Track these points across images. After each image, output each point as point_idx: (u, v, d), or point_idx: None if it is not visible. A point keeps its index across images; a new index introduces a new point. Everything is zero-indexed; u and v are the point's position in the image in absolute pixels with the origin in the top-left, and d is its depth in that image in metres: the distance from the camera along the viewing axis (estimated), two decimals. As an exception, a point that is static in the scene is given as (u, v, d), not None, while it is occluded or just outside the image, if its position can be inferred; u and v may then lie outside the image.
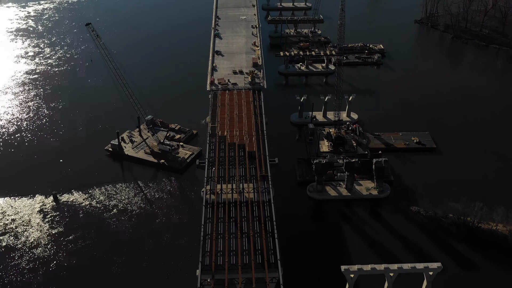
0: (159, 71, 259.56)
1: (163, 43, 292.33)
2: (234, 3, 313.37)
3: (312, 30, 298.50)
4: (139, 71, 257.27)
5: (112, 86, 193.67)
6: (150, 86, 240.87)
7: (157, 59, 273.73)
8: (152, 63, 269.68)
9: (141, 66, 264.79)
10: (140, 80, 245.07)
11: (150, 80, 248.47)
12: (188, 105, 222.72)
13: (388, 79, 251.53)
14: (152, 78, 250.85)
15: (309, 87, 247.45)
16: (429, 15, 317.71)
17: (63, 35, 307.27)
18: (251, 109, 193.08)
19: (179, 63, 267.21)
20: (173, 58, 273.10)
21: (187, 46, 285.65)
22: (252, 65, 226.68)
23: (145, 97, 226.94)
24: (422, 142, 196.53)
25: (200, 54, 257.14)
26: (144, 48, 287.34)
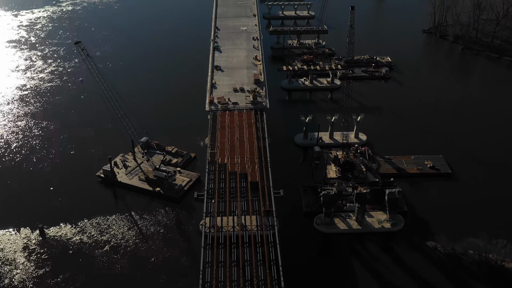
0: (155, 87, 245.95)
1: (160, 56, 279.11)
2: (234, 12, 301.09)
3: (316, 41, 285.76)
4: (134, 87, 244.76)
5: (104, 107, 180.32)
6: (145, 104, 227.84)
7: (153, 74, 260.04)
8: (148, 78, 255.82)
9: (135, 82, 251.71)
10: (134, 97, 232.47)
11: (146, 97, 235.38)
12: (186, 126, 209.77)
13: (397, 94, 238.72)
14: (148, 95, 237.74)
15: (313, 104, 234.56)
16: (437, 25, 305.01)
17: (56, 46, 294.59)
18: (253, 132, 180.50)
19: (176, 79, 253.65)
20: (170, 73, 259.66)
21: (185, 60, 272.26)
22: (254, 82, 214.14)
23: (140, 117, 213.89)
24: (436, 167, 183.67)
25: (199, 68, 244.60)
26: (139, 62, 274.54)
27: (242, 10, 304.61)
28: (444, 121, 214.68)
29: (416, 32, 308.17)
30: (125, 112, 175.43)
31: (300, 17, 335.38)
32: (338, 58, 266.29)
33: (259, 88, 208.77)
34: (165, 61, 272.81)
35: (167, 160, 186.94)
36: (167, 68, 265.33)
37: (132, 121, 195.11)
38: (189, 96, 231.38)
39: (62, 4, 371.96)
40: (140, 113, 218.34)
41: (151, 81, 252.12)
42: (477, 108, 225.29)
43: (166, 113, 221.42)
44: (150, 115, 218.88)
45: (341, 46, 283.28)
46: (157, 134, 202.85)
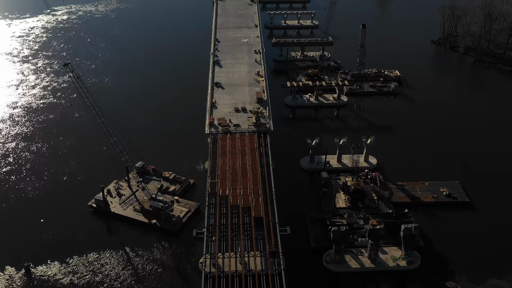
0: (151, 106, 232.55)
1: (157, 71, 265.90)
2: (235, 22, 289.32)
3: (321, 54, 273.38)
4: (129, 105, 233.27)
5: (96, 131, 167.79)
6: (141, 124, 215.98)
7: (149, 90, 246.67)
8: (144, 95, 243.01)
9: (131, 99, 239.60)
10: (129, 117, 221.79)
11: (141, 117, 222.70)
12: (184, 149, 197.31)
13: (407, 112, 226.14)
14: (144, 115, 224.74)
15: (319, 123, 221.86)
16: (447, 35, 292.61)
17: (50, 59, 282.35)
18: (256, 158, 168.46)
19: (174, 96, 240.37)
20: (168, 90, 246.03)
21: (184, 75, 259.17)
22: (257, 101, 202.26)
23: (135, 139, 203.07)
24: (452, 195, 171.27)
25: (198, 84, 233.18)
26: (135, 77, 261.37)
27: (243, 20, 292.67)
28: (459, 141, 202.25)
29: (424, 43, 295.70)
30: (119, 135, 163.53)
31: (304, 27, 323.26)
32: (344, 72, 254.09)
33: (262, 108, 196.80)
34: (163, 77, 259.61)
35: (164, 188, 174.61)
36: (165, 84, 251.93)
37: (127, 144, 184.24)
38: (188, 116, 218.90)
39: (57, 13, 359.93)
40: (135, 134, 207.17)
41: (147, 99, 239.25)
42: (493, 127, 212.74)
43: (163, 134, 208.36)
44: (146, 136, 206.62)
45: (347, 58, 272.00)
46: (153, 158, 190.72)
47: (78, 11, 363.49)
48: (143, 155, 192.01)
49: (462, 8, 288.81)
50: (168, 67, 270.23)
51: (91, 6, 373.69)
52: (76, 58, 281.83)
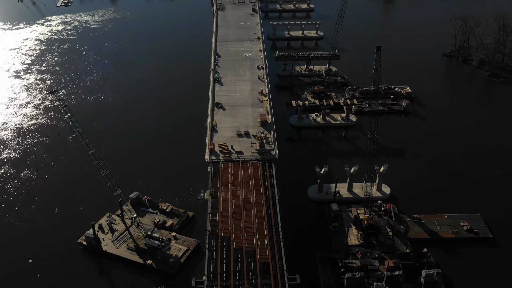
0: (147, 130, 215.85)
1: (154, 89, 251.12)
2: (236, 35, 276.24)
3: (327, 68, 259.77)
4: (123, 128, 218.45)
5: (87, 160, 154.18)
6: (136, 151, 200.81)
7: (145, 112, 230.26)
8: (139, 117, 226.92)
9: (125, 120, 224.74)
10: (123, 141, 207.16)
11: (137, 143, 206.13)
12: (183, 178, 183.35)
13: (420, 132, 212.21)
14: (139, 140, 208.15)
15: (327, 145, 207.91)
16: (459, 48, 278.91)
17: (43, 74, 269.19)
18: (261, 190, 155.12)
19: (172, 118, 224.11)
20: (165, 111, 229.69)
21: (182, 93, 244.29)
22: (260, 124, 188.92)
23: (130, 166, 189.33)
24: (474, 230, 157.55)
25: (197, 104, 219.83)
26: (131, 94, 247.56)
27: (244, 32, 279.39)
28: (478, 167, 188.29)
29: (435, 56, 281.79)
30: (113, 162, 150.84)
31: (308, 38, 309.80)
32: (352, 89, 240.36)
33: (267, 132, 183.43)
34: (160, 96, 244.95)
35: (160, 223, 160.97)
36: (162, 104, 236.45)
37: (120, 173, 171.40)
38: (187, 140, 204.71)
39: (52, 23, 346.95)
40: (130, 160, 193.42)
41: (143, 120, 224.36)
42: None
43: (160, 161, 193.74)
44: (142, 163, 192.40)
45: (354, 73, 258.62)
46: (149, 187, 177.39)
47: (74, 21, 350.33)
48: (138, 184, 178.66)
49: (475, 19, 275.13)
50: (166, 84, 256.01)
51: (87, 16, 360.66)
52: (70, 73, 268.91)
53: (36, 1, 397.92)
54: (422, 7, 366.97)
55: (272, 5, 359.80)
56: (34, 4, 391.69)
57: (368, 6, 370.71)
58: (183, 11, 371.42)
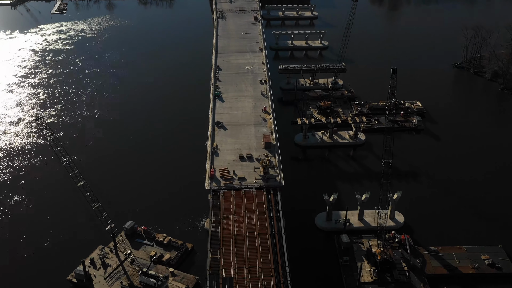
0: (143, 152, 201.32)
1: (150, 106, 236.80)
2: (238, 46, 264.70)
3: (333, 81, 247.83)
4: (117, 151, 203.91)
5: (76, 193, 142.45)
6: (131, 175, 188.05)
7: (142, 132, 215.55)
8: (135, 137, 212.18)
9: (120, 141, 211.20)
10: (117, 166, 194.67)
11: (130, 167, 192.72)
12: (181, 205, 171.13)
13: (434, 152, 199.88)
14: (134, 163, 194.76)
15: (334, 167, 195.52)
16: (470, 59, 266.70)
17: (36, 88, 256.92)
18: (265, 223, 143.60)
19: (169, 140, 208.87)
20: (163, 133, 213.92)
21: (181, 111, 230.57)
22: (264, 146, 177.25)
23: (124, 194, 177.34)
24: (496, 264, 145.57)
25: (197, 124, 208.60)
26: (126, 110, 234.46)
27: (246, 43, 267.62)
28: (497, 191, 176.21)
29: (446, 67, 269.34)
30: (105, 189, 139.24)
31: (312, 48, 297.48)
32: (360, 104, 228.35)
33: (271, 155, 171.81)
34: (156, 112, 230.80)
35: (157, 257, 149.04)
36: (159, 123, 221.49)
37: (115, 199, 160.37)
38: (186, 164, 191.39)
39: (46, 32, 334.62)
40: (125, 187, 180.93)
41: (139, 141, 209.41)
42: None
43: (156, 187, 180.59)
44: (137, 190, 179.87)
45: (362, 85, 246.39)
46: (145, 216, 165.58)
47: (69, 30, 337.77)
48: (133, 212, 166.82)
49: (487, 28, 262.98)
50: (164, 100, 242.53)
51: (83, 24, 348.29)
52: (65, 87, 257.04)
53: (30, 7, 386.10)
54: (429, 14, 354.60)
55: (274, 13, 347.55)
56: (28, 11, 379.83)
57: (373, 14, 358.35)
58: (182, 19, 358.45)
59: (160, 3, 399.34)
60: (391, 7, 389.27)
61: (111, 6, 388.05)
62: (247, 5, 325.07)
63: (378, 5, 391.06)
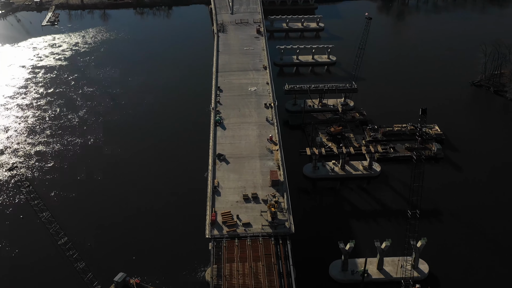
0: (136, 191, 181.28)
1: (146, 134, 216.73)
2: (240, 63, 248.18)
3: (343, 102, 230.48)
4: (110, 194, 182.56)
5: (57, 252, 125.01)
6: (123, 221, 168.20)
7: (134, 165, 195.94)
8: (127, 172, 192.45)
9: (113, 179, 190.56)
10: (109, 208, 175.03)
11: (123, 210, 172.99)
12: (178, 255, 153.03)
13: (457, 185, 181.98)
14: (126, 205, 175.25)
15: (348, 203, 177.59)
16: (489, 76, 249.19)
17: (25, 110, 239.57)
18: (274, 277, 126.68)
19: (165, 177, 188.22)
20: (158, 167, 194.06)
21: (178, 141, 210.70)
22: (271, 183, 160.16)
23: (116, 240, 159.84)
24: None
25: (196, 155, 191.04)
26: (120, 139, 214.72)
27: (249, 60, 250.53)
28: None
29: (463, 85, 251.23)
30: (94, 234, 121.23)
31: (319, 64, 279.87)
32: (373, 129, 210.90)
33: (279, 195, 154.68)
34: (153, 140, 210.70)
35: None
36: (154, 155, 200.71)
37: (105, 248, 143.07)
38: (183, 204, 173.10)
39: (38, 45, 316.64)
40: (115, 235, 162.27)
41: (132, 177, 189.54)
42: None
43: (150, 235, 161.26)
44: (128, 237, 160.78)
45: (374, 107, 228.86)
46: (138, 267, 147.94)
47: (62, 44, 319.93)
48: (124, 262, 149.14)
49: (507, 44, 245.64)
50: (160, 126, 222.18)
51: (76, 37, 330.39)
52: (55, 108, 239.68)
53: (21, 18, 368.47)
54: (440, 24, 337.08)
55: (278, 24, 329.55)
56: (18, 22, 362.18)
57: (380, 25, 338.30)
58: (181, 30, 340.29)
59: (157, 13, 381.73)
60: (399, 16, 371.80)
61: (105, 17, 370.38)
62: (249, 17, 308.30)
63: (385, 14, 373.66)
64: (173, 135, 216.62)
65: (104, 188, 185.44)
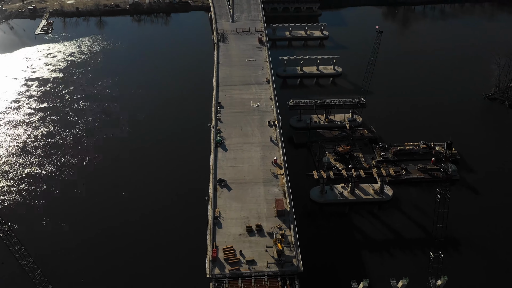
0: (131, 231, 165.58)
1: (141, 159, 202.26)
2: (241, 76, 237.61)
3: (350, 118, 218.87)
4: (103, 226, 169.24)
5: None
6: (116, 260, 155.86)
7: (129, 199, 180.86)
8: (120, 207, 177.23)
9: (102, 214, 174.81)
10: (100, 246, 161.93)
11: (116, 248, 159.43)
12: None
13: (475, 211, 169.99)
14: (118, 243, 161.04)
15: (358, 231, 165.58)
16: (504, 89, 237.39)
17: (16, 127, 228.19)
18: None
19: (162, 207, 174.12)
20: (154, 197, 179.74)
21: (175, 165, 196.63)
22: (277, 213, 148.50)
23: (109, 281, 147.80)
24: None
25: (195, 181, 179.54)
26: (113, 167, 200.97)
27: (251, 72, 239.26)
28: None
29: (476, 98, 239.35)
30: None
31: (324, 75, 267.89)
32: (384, 147, 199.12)
33: (285, 227, 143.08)
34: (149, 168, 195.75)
35: None
36: (149, 185, 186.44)
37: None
38: (181, 240, 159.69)
39: (31, 56, 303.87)
40: (110, 271, 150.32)
41: (125, 209, 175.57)
42: None
43: (146, 273, 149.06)
44: (121, 278, 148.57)
45: (383, 123, 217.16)
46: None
47: (57, 53, 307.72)
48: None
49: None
50: (157, 149, 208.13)
51: (71, 46, 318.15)
52: (49, 126, 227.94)
53: (14, 25, 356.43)
54: (449, 32, 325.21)
55: (280, 32, 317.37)
56: (11, 29, 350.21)
57: (387, 32, 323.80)
58: (180, 39, 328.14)
59: (155, 20, 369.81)
60: (405, 23, 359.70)
61: (101, 24, 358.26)
62: (250, 25, 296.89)
63: (391, 20, 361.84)
64: (172, 155, 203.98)
65: (97, 219, 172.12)
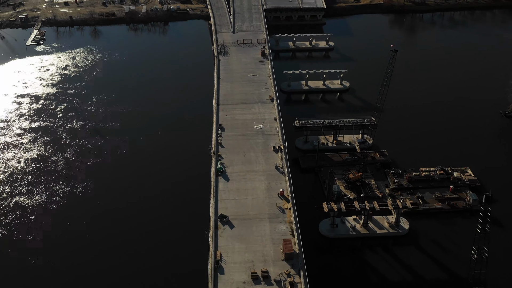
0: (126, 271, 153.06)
1: (136, 192, 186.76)
2: (243, 94, 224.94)
3: (360, 140, 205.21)
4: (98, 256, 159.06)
5: None
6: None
7: (121, 232, 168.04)
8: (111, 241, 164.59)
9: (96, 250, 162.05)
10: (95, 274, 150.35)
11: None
12: None
13: (501, 249, 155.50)
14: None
15: (373, 271, 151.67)
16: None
17: (5, 150, 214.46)
18: None
19: (159, 249, 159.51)
20: (150, 236, 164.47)
21: (172, 197, 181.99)
22: (285, 257, 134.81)
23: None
24: None
25: (194, 215, 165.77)
26: (108, 198, 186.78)
27: (254, 89, 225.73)
28: None
29: (493, 116, 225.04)
30: None
31: (331, 90, 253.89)
32: (398, 173, 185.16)
33: (294, 274, 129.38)
34: (144, 203, 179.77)
35: None
36: (145, 222, 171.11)
37: None
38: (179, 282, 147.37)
39: (23, 69, 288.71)
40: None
41: (117, 251, 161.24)
42: None
43: None
44: None
45: (395, 144, 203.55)
46: None
47: (50, 67, 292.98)
48: None
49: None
50: (153, 180, 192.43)
51: (66, 58, 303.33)
52: (40, 149, 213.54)
53: (5, 35, 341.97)
54: (459, 42, 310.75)
55: (283, 43, 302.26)
56: (2, 39, 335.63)
57: (394, 41, 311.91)
58: (178, 50, 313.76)
59: (152, 29, 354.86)
60: (413, 32, 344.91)
61: (96, 34, 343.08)
62: (252, 36, 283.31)
63: (398, 29, 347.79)
64: (169, 183, 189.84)
65: (92, 255, 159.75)
